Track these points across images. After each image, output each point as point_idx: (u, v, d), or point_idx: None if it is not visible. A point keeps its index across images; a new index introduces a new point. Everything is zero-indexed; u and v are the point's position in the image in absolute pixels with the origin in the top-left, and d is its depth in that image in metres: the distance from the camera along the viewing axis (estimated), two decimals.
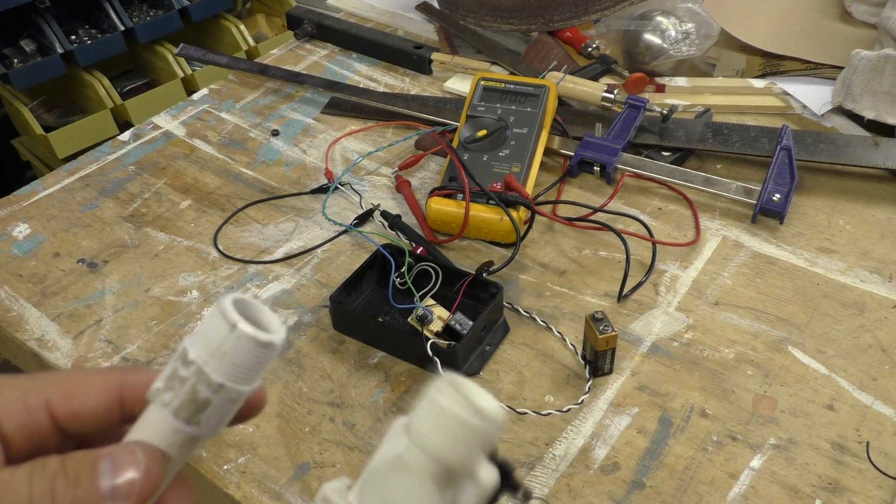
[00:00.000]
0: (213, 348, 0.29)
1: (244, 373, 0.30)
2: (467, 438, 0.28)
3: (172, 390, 0.29)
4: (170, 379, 0.30)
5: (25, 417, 0.30)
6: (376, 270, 0.68)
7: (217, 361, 0.29)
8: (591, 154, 0.79)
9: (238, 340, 0.29)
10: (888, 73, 0.80)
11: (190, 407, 0.29)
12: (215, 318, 0.29)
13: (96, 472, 0.28)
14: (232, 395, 0.30)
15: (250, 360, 0.30)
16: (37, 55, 1.98)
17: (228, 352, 0.29)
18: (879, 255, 0.70)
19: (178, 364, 0.30)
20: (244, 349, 0.29)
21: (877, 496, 0.52)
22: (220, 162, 0.86)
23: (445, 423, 0.28)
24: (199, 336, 0.30)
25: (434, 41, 1.05)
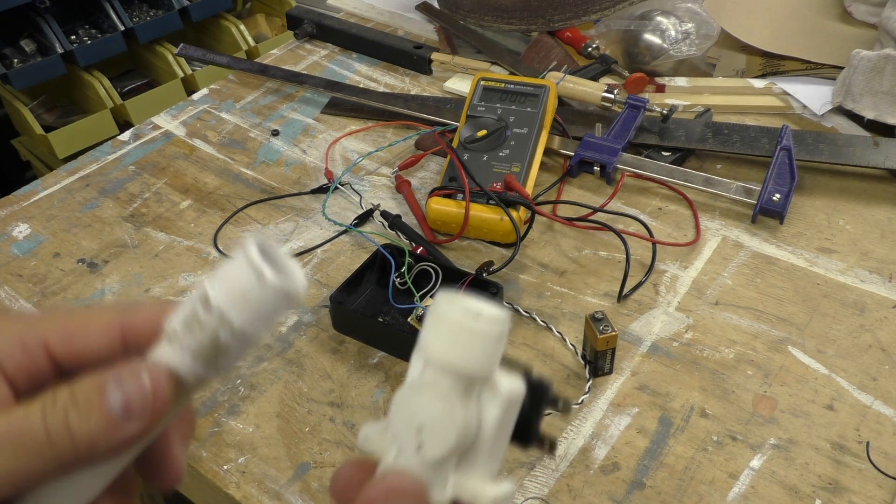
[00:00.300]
0: (236, 295, 0.29)
1: (265, 320, 0.29)
2: (471, 342, 0.29)
3: (192, 333, 0.29)
4: (189, 322, 0.29)
5: (23, 358, 0.29)
6: (376, 270, 0.68)
7: (240, 309, 0.29)
8: (591, 154, 0.79)
9: (264, 290, 0.29)
10: (888, 73, 0.80)
11: (210, 352, 0.29)
12: (240, 264, 0.29)
13: (105, 395, 0.28)
14: (251, 340, 0.30)
15: (273, 309, 0.29)
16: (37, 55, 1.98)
17: (253, 301, 0.29)
18: (879, 255, 0.70)
19: (197, 306, 0.29)
20: (269, 299, 0.29)
21: (877, 496, 0.52)
22: (220, 162, 0.86)
23: (448, 331, 0.29)
24: (222, 281, 0.29)
25: (434, 41, 1.05)
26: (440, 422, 0.29)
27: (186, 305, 0.29)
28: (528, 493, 0.54)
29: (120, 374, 0.28)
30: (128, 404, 0.28)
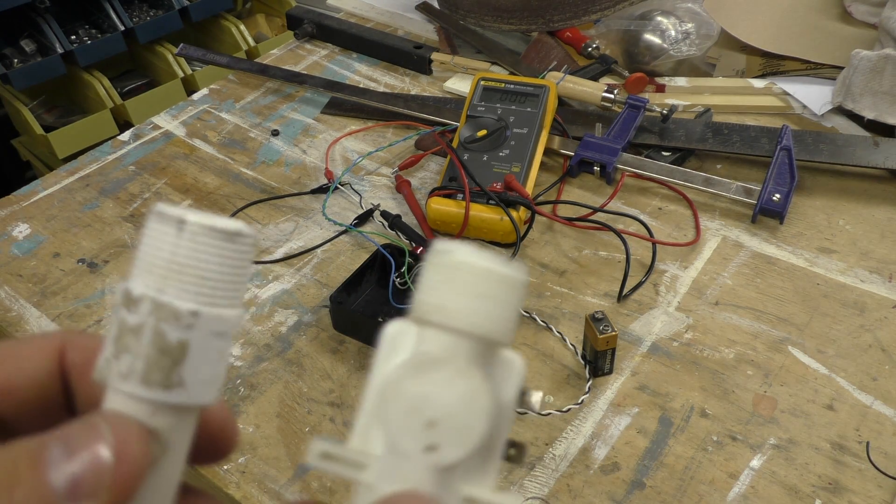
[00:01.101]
0: (162, 268, 0.21)
1: (219, 287, 0.22)
2: (497, 296, 0.22)
3: (128, 351, 0.21)
4: (118, 339, 0.21)
5: None
6: (376, 270, 0.68)
7: (175, 281, 0.21)
8: (591, 154, 0.79)
9: (193, 240, 0.21)
10: (888, 73, 0.80)
11: (161, 362, 0.21)
12: (152, 230, 0.21)
13: (43, 463, 0.19)
14: (214, 325, 0.22)
15: (220, 266, 0.22)
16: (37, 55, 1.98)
17: (186, 262, 0.21)
18: (879, 255, 0.70)
19: (122, 313, 0.21)
20: (206, 250, 0.21)
21: (877, 496, 0.52)
22: (220, 162, 0.86)
23: (465, 283, 0.22)
24: (139, 265, 0.21)
25: (434, 41, 1.05)
26: (463, 409, 0.22)
27: (112, 322, 0.22)
28: (528, 493, 0.54)
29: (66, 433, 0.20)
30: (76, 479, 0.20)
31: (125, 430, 0.20)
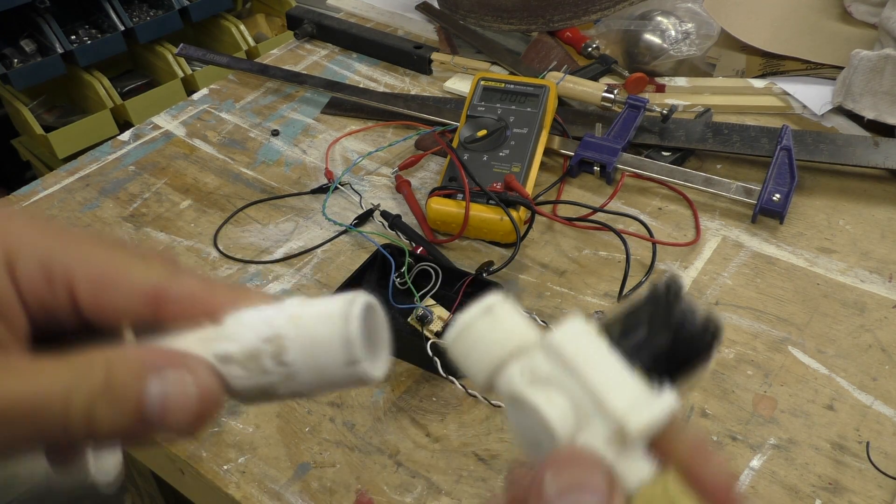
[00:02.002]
0: (313, 363, 0.25)
1: (327, 390, 0.26)
2: None
3: (248, 371, 0.25)
4: (250, 359, 0.25)
5: (44, 290, 0.25)
6: (376, 270, 0.68)
7: (310, 376, 0.25)
8: (591, 154, 0.79)
9: (346, 374, 0.25)
10: (888, 73, 0.80)
11: (254, 392, 0.26)
12: (334, 332, 0.25)
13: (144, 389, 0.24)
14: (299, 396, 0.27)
15: (343, 386, 0.26)
16: (37, 55, 1.98)
17: (328, 376, 0.25)
18: (879, 255, 0.70)
19: (264, 349, 0.25)
20: (347, 381, 0.25)
21: (877, 496, 0.52)
22: (220, 162, 0.86)
23: None
24: (305, 339, 0.25)
25: (434, 41, 1.05)
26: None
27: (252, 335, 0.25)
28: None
29: (166, 367, 0.24)
30: (166, 406, 0.24)
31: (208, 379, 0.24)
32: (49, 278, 0.25)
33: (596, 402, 0.23)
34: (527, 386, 0.24)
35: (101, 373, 0.24)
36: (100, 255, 0.26)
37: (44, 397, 0.23)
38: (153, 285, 0.26)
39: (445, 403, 0.59)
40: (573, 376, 0.24)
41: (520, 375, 0.25)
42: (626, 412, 0.23)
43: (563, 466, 0.23)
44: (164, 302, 0.26)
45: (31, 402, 0.23)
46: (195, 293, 0.26)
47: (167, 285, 0.26)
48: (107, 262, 0.26)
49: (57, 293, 0.25)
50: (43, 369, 0.24)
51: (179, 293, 0.26)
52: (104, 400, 0.23)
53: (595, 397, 0.23)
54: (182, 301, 0.26)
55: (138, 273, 0.26)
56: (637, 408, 0.23)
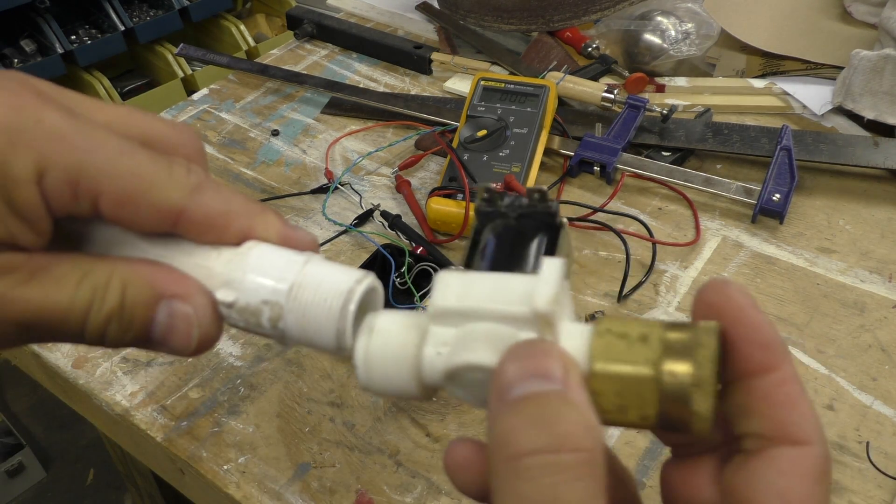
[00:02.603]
0: (304, 336, 0.27)
1: (309, 347, 0.28)
2: None
3: (242, 318, 0.27)
4: (248, 311, 0.27)
5: (69, 201, 0.26)
6: (376, 270, 0.68)
7: (298, 341, 0.27)
8: (591, 154, 0.79)
9: (331, 351, 0.28)
10: (888, 73, 0.80)
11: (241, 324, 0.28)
12: (329, 321, 0.27)
13: (153, 316, 0.27)
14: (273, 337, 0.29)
15: (322, 350, 0.28)
16: (37, 55, 1.98)
17: (314, 346, 0.28)
18: (879, 255, 0.70)
19: (263, 309, 0.27)
20: (328, 352, 0.28)
21: (877, 496, 0.52)
22: (220, 162, 0.86)
23: None
24: (300, 312, 0.27)
25: (434, 41, 1.05)
26: None
27: (253, 293, 0.27)
28: None
29: (173, 299, 0.27)
30: (169, 332, 0.27)
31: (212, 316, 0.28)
32: (75, 191, 0.26)
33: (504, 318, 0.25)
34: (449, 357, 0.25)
35: (117, 294, 0.26)
36: (127, 166, 0.27)
37: (65, 312, 0.26)
38: (173, 205, 0.27)
39: (445, 403, 0.59)
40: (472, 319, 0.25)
41: (436, 356, 0.26)
42: (528, 302, 0.24)
43: (519, 356, 0.24)
44: (182, 221, 0.28)
45: (52, 314, 0.26)
46: (213, 216, 0.28)
47: (186, 205, 0.27)
48: (131, 176, 0.27)
49: (81, 205, 0.26)
50: (65, 280, 0.26)
51: (198, 215, 0.28)
52: (117, 320, 0.26)
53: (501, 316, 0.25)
54: (200, 223, 0.28)
55: (160, 191, 0.27)
56: (533, 292, 0.25)
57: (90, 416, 0.67)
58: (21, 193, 0.25)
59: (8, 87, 0.26)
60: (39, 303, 0.26)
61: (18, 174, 0.25)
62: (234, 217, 0.28)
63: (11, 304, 0.26)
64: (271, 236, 0.29)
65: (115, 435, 0.66)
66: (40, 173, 0.26)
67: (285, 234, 0.29)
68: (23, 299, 0.26)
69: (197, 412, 0.60)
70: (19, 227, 0.26)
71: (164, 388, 0.62)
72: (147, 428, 0.59)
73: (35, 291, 0.26)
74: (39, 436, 1.72)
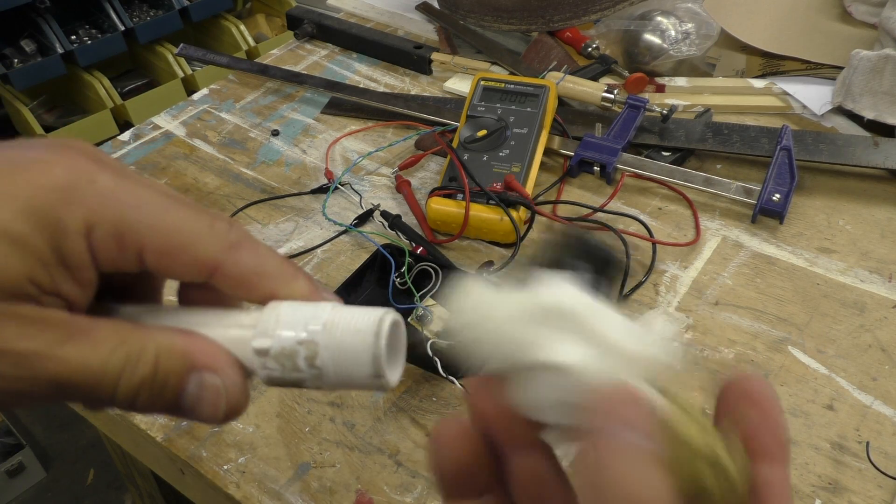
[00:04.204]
0: (342, 370, 0.28)
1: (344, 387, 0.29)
2: None
3: (280, 365, 0.28)
4: (283, 356, 0.28)
5: (116, 255, 0.28)
6: (376, 270, 0.68)
7: (337, 380, 0.28)
8: (591, 154, 0.79)
9: (369, 382, 0.28)
10: (888, 73, 0.80)
11: (280, 383, 0.29)
12: (365, 347, 0.28)
13: (184, 387, 0.28)
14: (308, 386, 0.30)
15: (360, 388, 0.29)
16: (37, 55, 1.98)
17: (352, 381, 0.28)
18: (879, 255, 0.70)
19: (299, 350, 0.28)
20: (366, 386, 0.29)
21: (877, 496, 0.52)
22: (220, 162, 0.86)
23: None
24: (336, 347, 0.28)
25: (434, 41, 1.05)
26: None
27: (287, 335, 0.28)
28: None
29: (204, 370, 0.28)
30: (198, 402, 0.28)
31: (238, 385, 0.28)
32: (121, 244, 0.28)
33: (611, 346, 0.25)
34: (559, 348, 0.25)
35: (150, 364, 0.27)
36: (170, 222, 0.29)
37: (98, 376, 0.27)
38: (211, 258, 0.29)
39: (445, 403, 0.59)
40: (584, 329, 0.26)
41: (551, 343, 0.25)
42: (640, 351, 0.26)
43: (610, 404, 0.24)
44: (219, 275, 0.29)
45: (85, 376, 0.26)
46: (247, 275, 0.29)
47: (224, 260, 0.29)
48: (175, 230, 0.29)
49: (127, 257, 0.28)
50: (102, 344, 0.27)
51: (233, 270, 0.29)
52: (149, 388, 0.27)
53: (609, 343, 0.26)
54: (234, 278, 0.29)
55: (201, 245, 0.29)
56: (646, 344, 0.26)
57: (90, 417, 0.67)
58: (70, 245, 0.27)
59: (67, 152, 0.28)
60: (75, 364, 0.26)
61: (69, 226, 0.27)
62: (267, 278, 0.29)
63: (48, 362, 0.26)
64: (301, 296, 0.30)
65: (115, 435, 0.66)
66: (89, 227, 0.27)
67: (314, 293, 0.30)
68: (60, 358, 0.26)
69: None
70: (65, 276, 0.27)
71: None
72: (147, 428, 0.59)
73: (72, 352, 0.26)
74: (39, 436, 1.72)
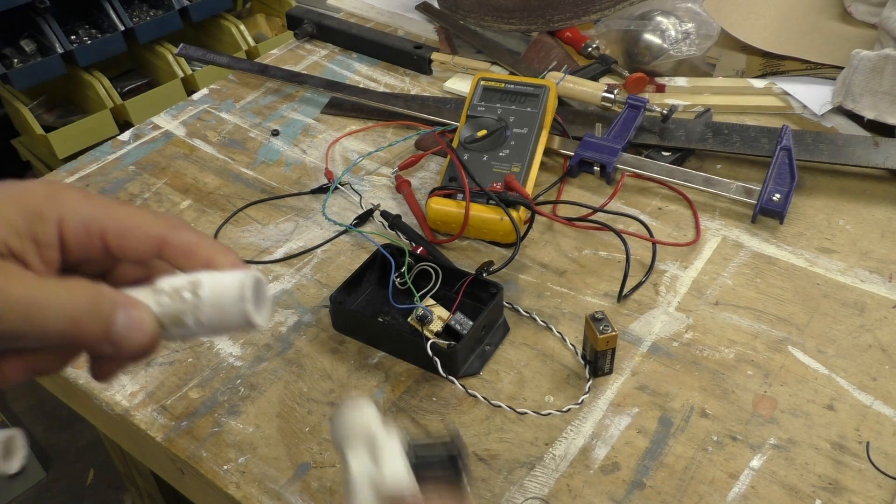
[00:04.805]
0: (217, 303, 0.36)
1: (220, 329, 0.37)
2: None
3: (171, 299, 0.36)
4: (175, 292, 0.36)
5: (84, 239, 0.37)
6: (376, 270, 0.68)
7: (212, 313, 0.36)
8: (591, 154, 0.79)
9: (239, 318, 0.36)
10: (888, 73, 0.80)
11: (169, 318, 0.36)
12: (234, 286, 0.36)
13: (114, 320, 0.35)
14: (200, 333, 0.37)
15: (231, 329, 0.37)
16: (37, 55, 1.98)
17: (226, 318, 0.36)
18: (879, 255, 0.70)
19: (188, 287, 0.36)
20: (238, 324, 0.36)
21: (877, 496, 0.52)
22: (220, 162, 0.86)
23: None
24: (216, 285, 0.36)
25: (434, 41, 1.05)
26: None
27: (184, 278, 0.37)
28: (528, 493, 0.54)
29: (131, 306, 0.36)
30: (127, 330, 0.35)
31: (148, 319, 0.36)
32: (88, 231, 0.37)
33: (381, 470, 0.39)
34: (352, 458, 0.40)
35: (89, 294, 0.35)
36: (124, 214, 0.37)
37: (51, 303, 0.34)
38: (159, 235, 0.37)
39: (445, 403, 0.59)
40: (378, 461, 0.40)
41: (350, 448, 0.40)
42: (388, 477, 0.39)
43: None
44: (166, 248, 0.37)
45: (42, 304, 0.34)
46: (189, 245, 0.38)
47: (169, 236, 0.37)
48: (129, 218, 0.37)
49: (92, 240, 0.37)
50: (56, 287, 0.34)
51: (176, 243, 0.37)
52: (87, 314, 0.34)
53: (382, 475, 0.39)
54: (177, 248, 0.37)
55: (150, 226, 0.37)
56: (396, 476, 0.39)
57: (90, 416, 0.67)
58: (43, 228, 0.36)
59: (43, 181, 0.38)
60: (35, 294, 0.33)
61: (46, 216, 0.36)
62: (205, 248, 0.38)
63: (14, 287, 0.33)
64: (231, 264, 0.38)
65: (115, 435, 0.66)
66: (62, 219, 0.36)
67: (238, 264, 0.38)
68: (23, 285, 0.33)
69: (197, 412, 0.60)
70: (33, 250, 0.35)
71: (164, 388, 0.62)
72: (147, 428, 0.59)
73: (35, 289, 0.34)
74: (39, 436, 1.72)
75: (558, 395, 0.60)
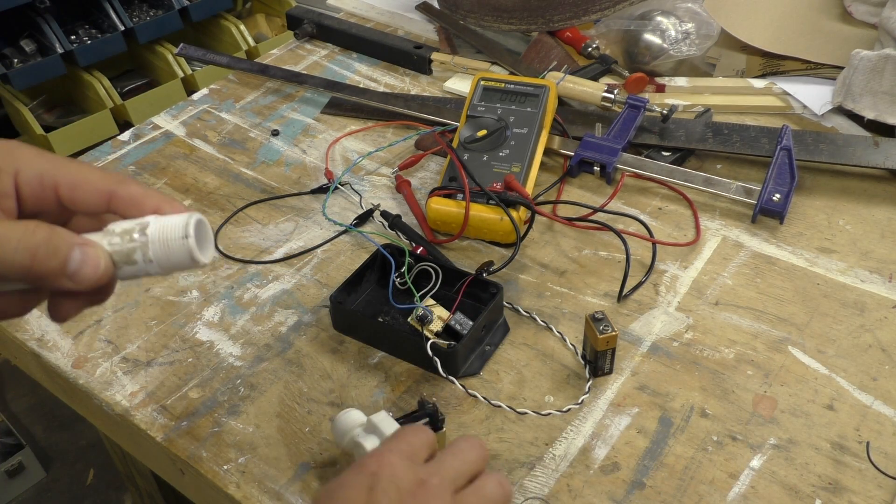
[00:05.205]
0: (163, 240, 0.39)
1: (167, 267, 0.40)
2: None
3: (121, 239, 0.40)
4: (125, 232, 0.40)
5: (38, 191, 0.40)
6: (376, 270, 0.68)
7: (159, 250, 0.40)
8: (591, 154, 0.79)
9: (184, 254, 0.39)
10: (888, 73, 0.80)
11: (121, 255, 0.40)
12: (179, 226, 0.40)
13: (70, 256, 0.38)
14: (151, 271, 0.40)
15: (178, 266, 0.40)
16: (37, 55, 1.98)
17: (172, 254, 0.40)
18: (879, 255, 0.70)
19: (136, 227, 0.40)
20: (183, 261, 0.40)
21: (877, 496, 0.52)
22: (220, 162, 0.86)
23: None
24: (162, 225, 0.40)
25: (434, 41, 1.05)
26: None
27: (133, 221, 0.40)
28: (528, 493, 0.54)
29: (86, 244, 0.39)
30: (82, 265, 0.39)
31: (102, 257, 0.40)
32: (41, 183, 0.40)
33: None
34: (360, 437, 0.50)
35: (45, 234, 0.38)
36: (75, 169, 0.41)
37: (10, 239, 0.37)
38: (108, 188, 0.41)
39: (445, 403, 0.59)
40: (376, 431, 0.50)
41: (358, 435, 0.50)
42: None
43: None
44: (115, 199, 0.41)
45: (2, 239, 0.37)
46: (136, 196, 0.41)
47: (117, 188, 0.41)
48: (79, 173, 0.41)
49: (46, 192, 0.41)
50: (15, 225, 0.38)
51: (123, 195, 0.41)
52: (44, 249, 0.38)
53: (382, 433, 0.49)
54: (125, 200, 0.41)
55: (99, 180, 0.41)
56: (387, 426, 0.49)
57: (90, 417, 0.67)
58: (0, 179, 0.40)
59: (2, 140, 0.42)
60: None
61: (2, 168, 0.40)
62: (151, 198, 0.41)
63: None
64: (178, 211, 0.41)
65: (115, 435, 0.66)
66: (17, 171, 0.40)
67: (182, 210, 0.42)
68: None
69: (197, 412, 0.60)
70: None
71: (163, 388, 0.62)
72: (147, 428, 0.59)
73: None
74: (39, 436, 1.72)
75: (558, 395, 0.60)
